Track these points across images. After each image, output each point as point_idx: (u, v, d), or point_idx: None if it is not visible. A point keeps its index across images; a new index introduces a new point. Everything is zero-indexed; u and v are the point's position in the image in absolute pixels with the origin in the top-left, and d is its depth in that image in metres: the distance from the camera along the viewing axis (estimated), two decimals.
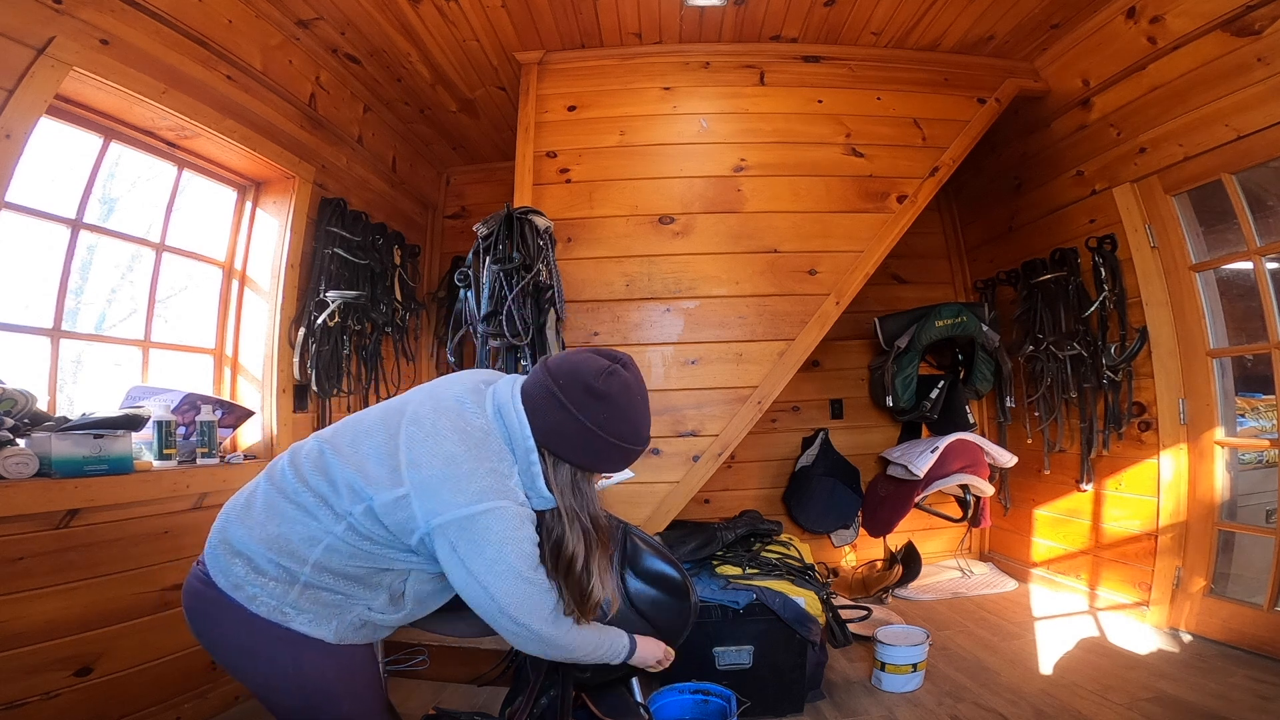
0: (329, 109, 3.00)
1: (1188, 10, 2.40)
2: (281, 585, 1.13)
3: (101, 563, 1.86)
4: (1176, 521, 2.65)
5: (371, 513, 1.12)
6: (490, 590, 1.11)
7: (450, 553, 1.11)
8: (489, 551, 1.10)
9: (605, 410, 1.15)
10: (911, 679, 2.27)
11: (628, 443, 1.19)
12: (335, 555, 1.14)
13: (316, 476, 1.16)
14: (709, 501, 3.66)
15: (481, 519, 1.10)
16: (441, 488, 1.10)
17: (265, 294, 2.71)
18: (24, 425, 1.76)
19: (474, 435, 1.15)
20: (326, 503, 1.14)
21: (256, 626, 1.12)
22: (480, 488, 1.11)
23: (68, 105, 2.02)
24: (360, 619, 1.19)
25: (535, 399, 1.18)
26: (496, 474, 1.13)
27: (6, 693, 1.62)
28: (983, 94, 3.06)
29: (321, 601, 1.15)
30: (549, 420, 1.17)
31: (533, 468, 1.18)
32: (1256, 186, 2.48)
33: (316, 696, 1.19)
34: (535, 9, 2.69)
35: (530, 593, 1.14)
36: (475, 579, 1.11)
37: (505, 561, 1.11)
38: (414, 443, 1.13)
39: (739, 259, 2.83)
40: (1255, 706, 1.96)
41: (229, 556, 1.15)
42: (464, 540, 1.10)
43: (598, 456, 1.19)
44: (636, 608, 1.51)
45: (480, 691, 2.34)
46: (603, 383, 1.16)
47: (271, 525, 1.15)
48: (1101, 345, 2.94)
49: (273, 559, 1.13)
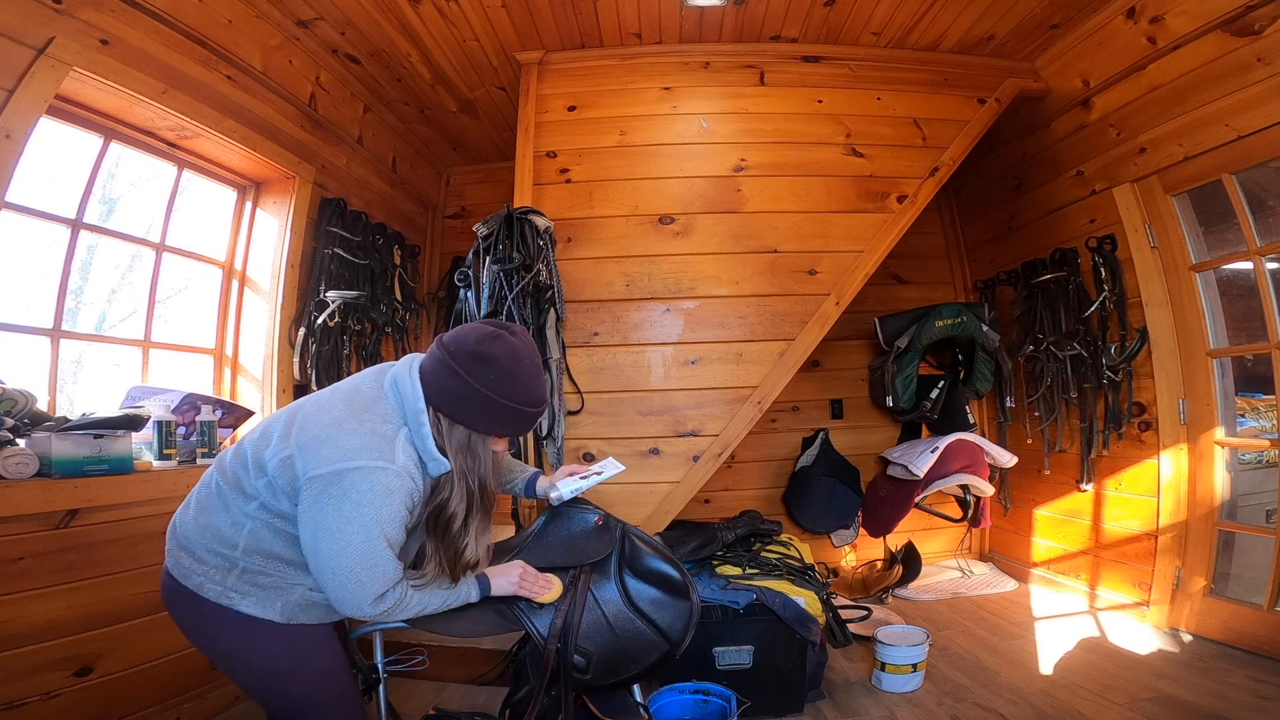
0: (329, 109, 3.00)
1: (1188, 10, 2.40)
2: (220, 571, 1.21)
3: (101, 563, 1.86)
4: (1176, 521, 2.65)
5: (272, 485, 1.18)
6: (335, 545, 1.13)
7: (311, 503, 1.14)
8: (346, 508, 1.12)
9: (491, 372, 1.20)
10: (911, 679, 2.27)
11: (515, 403, 1.22)
12: (260, 537, 1.21)
13: (234, 463, 1.24)
14: (709, 501, 3.66)
15: (350, 475, 1.13)
16: (320, 445, 1.16)
17: (265, 294, 2.71)
18: (24, 425, 1.76)
19: (360, 401, 1.23)
20: (240, 486, 1.22)
21: (209, 610, 1.21)
22: (355, 446, 1.15)
23: (68, 105, 2.02)
24: (304, 599, 1.25)
25: (429, 367, 1.25)
26: (377, 435, 1.18)
27: (6, 693, 1.62)
28: (983, 94, 3.06)
29: (260, 584, 1.22)
30: (441, 384, 1.22)
31: (423, 429, 1.22)
32: (1256, 186, 2.48)
33: (269, 675, 1.26)
34: (535, 9, 2.69)
35: (370, 558, 1.14)
36: (323, 531, 1.13)
37: (358, 521, 1.12)
38: (306, 413, 1.23)
39: (739, 259, 2.83)
40: (1255, 706, 1.96)
41: (176, 550, 1.26)
42: (326, 494, 1.13)
43: (489, 418, 1.23)
44: (637, 607, 1.51)
45: (480, 691, 2.33)
46: (487, 346, 1.20)
47: (202, 517, 1.24)
48: (1101, 345, 2.94)
49: (209, 547, 1.22)
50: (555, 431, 2.58)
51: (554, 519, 1.61)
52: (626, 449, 2.72)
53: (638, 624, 1.50)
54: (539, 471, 1.68)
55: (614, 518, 1.62)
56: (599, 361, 2.78)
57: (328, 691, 1.30)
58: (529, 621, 1.44)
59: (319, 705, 1.28)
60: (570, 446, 2.70)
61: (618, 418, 2.74)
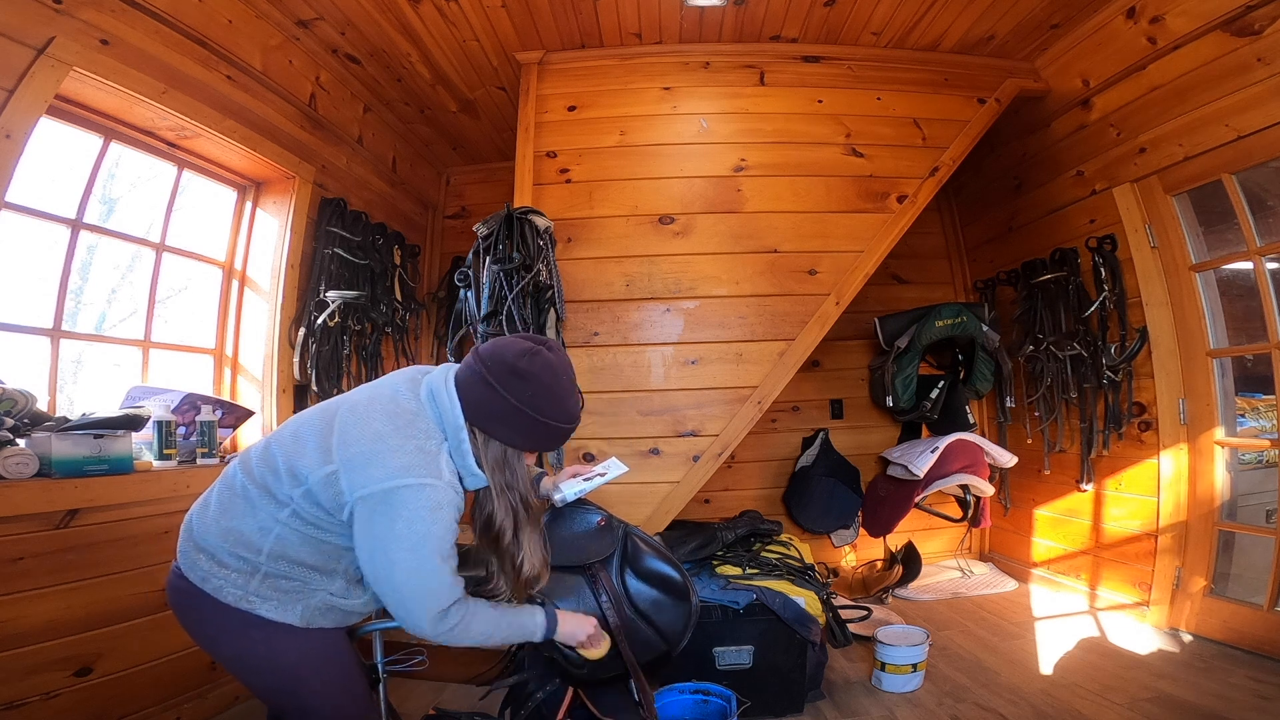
0: (329, 109, 3.00)
1: (1188, 10, 2.40)
2: (243, 575, 1.19)
3: (101, 563, 1.86)
4: (1176, 521, 2.65)
5: (310, 495, 1.17)
6: (391, 562, 1.14)
7: (365, 523, 1.14)
8: (399, 526, 1.13)
9: (529, 388, 1.20)
10: (911, 679, 2.27)
11: (553, 420, 1.23)
12: (287, 543, 1.20)
13: (262, 468, 1.22)
14: (709, 501, 3.66)
15: (400, 493, 1.13)
16: (367, 463, 1.15)
17: (265, 294, 2.71)
18: (24, 425, 1.76)
19: (403, 416, 1.21)
20: (270, 492, 1.20)
21: (227, 614, 1.19)
22: (404, 463, 1.15)
23: (68, 105, 2.02)
24: (324, 603, 1.24)
25: (465, 381, 1.23)
26: (423, 451, 1.17)
27: (6, 693, 1.62)
28: (983, 94, 3.06)
29: (282, 589, 1.20)
30: (478, 399, 1.21)
31: (463, 445, 1.22)
32: (1256, 186, 2.48)
33: (286, 678, 1.25)
34: (535, 9, 2.69)
35: (425, 574, 1.15)
36: (378, 549, 1.14)
37: (411, 538, 1.13)
38: (345, 424, 1.20)
39: (739, 259, 2.83)
40: (1255, 706, 1.96)
41: (194, 553, 1.22)
42: (380, 512, 1.13)
43: (526, 433, 1.23)
44: (637, 608, 1.51)
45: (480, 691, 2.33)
46: (525, 363, 1.20)
47: (225, 520, 1.21)
48: (1101, 345, 2.94)
49: (232, 551, 1.20)
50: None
51: (556, 519, 1.62)
52: (626, 449, 2.72)
53: (637, 624, 1.50)
54: (543, 472, 1.68)
55: (616, 518, 1.62)
56: (599, 361, 2.78)
57: (343, 694, 1.30)
58: None
59: (334, 708, 1.28)
60: (570, 446, 2.70)
61: (618, 418, 2.74)
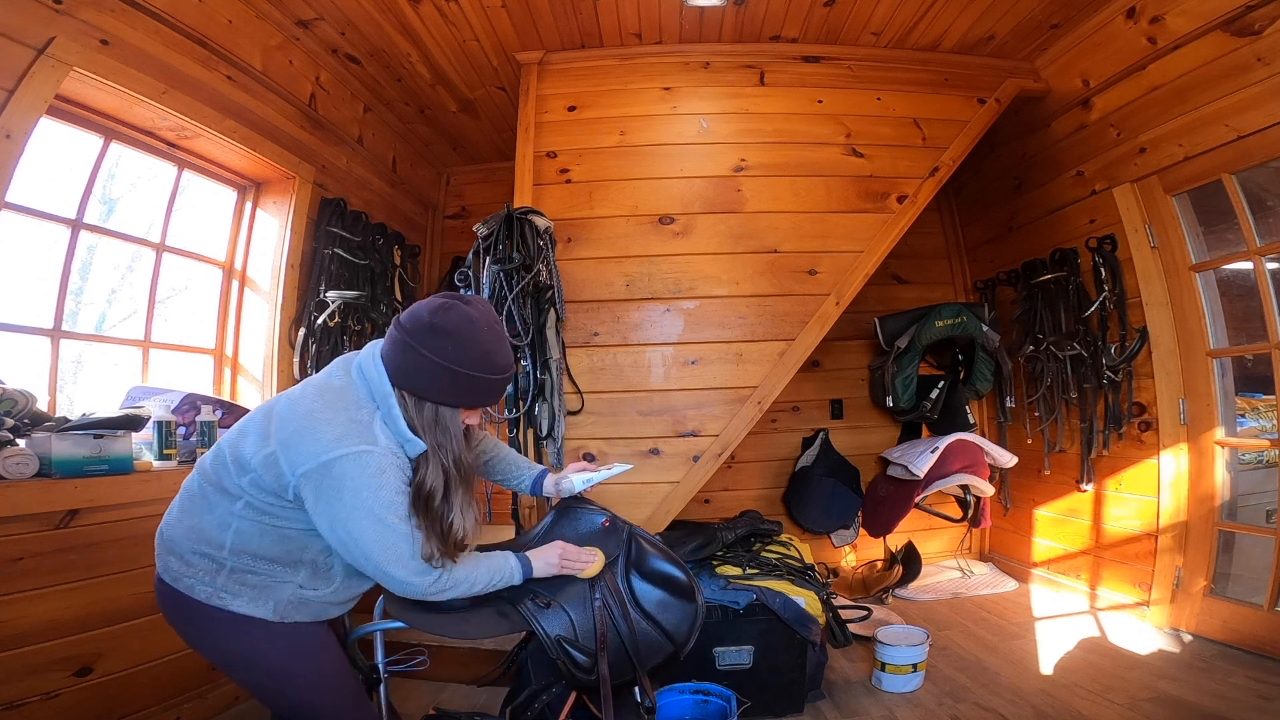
0: (329, 109, 3.00)
1: (1188, 10, 2.40)
2: (209, 573, 1.22)
3: (101, 563, 1.85)
4: (1177, 521, 2.65)
5: (257, 482, 1.19)
6: (352, 534, 1.16)
7: (314, 501, 1.16)
8: (346, 496, 1.14)
9: (448, 343, 1.20)
10: (911, 679, 2.27)
11: (478, 372, 1.22)
12: (247, 536, 1.22)
13: (214, 466, 1.26)
14: (709, 501, 3.65)
15: (338, 464, 1.14)
16: (300, 439, 1.16)
17: (265, 294, 2.71)
18: (24, 425, 1.76)
19: (332, 391, 1.24)
20: (223, 487, 1.23)
21: (202, 612, 1.22)
22: (336, 434, 1.16)
23: (68, 105, 2.02)
24: (295, 596, 1.26)
25: (388, 349, 1.25)
26: (354, 422, 1.19)
27: (6, 693, 1.62)
28: (983, 94, 3.06)
29: (249, 584, 1.22)
30: (400, 363, 1.22)
31: (393, 410, 1.23)
32: (1256, 186, 2.48)
33: (269, 675, 1.27)
34: (535, 9, 2.69)
35: (389, 538, 1.16)
36: (337, 523, 1.16)
37: (363, 506, 1.14)
38: (281, 409, 1.23)
39: (739, 259, 2.83)
40: (1255, 707, 1.96)
41: (165, 555, 1.26)
42: (323, 487, 1.15)
43: (453, 389, 1.23)
44: (643, 609, 1.51)
45: (480, 691, 2.33)
46: (440, 318, 1.21)
47: (187, 519, 1.26)
48: (1101, 345, 2.94)
49: (195, 549, 1.23)
50: (555, 432, 2.58)
51: (560, 519, 1.61)
52: (626, 449, 2.72)
53: (643, 625, 1.50)
54: (547, 469, 1.67)
55: (620, 518, 1.62)
56: (599, 361, 2.77)
57: (330, 689, 1.30)
58: (537, 624, 1.44)
59: (323, 704, 1.28)
60: (570, 446, 2.70)
61: (618, 418, 2.74)
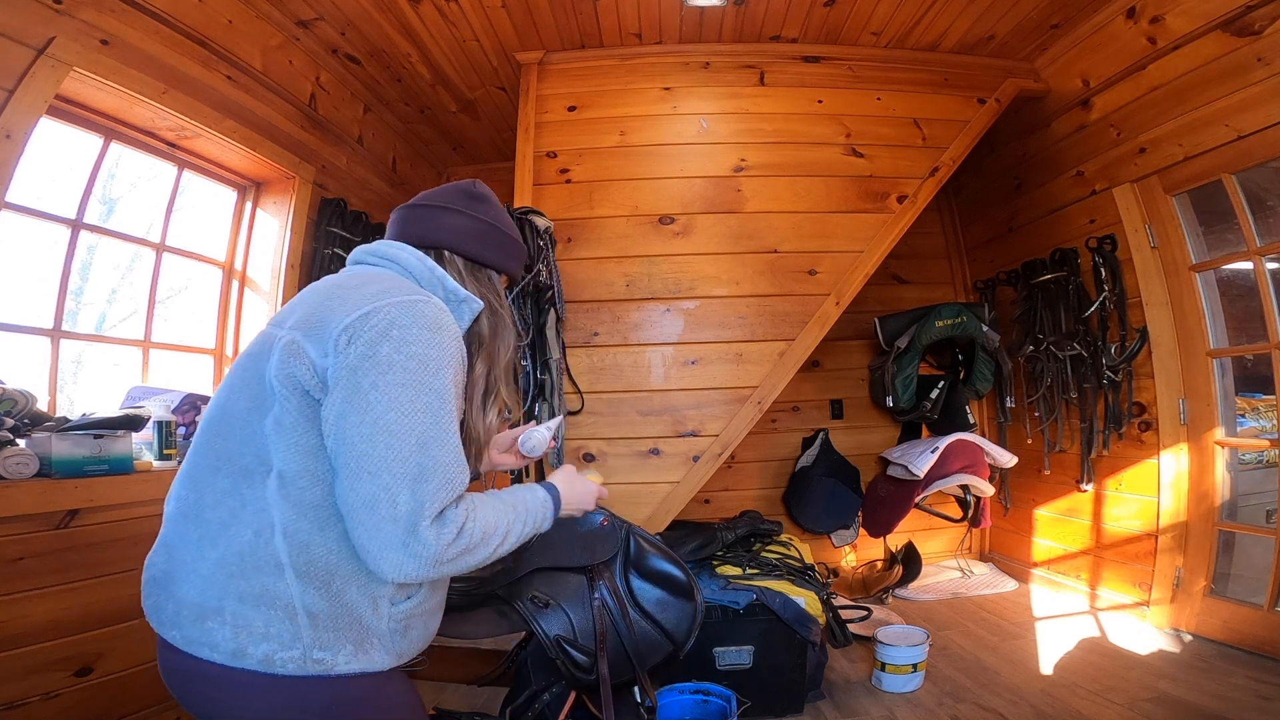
0: (329, 109, 3.00)
1: (1188, 10, 2.40)
2: (280, 621, 0.83)
3: (101, 563, 1.85)
4: (1177, 521, 2.65)
5: (281, 420, 0.86)
6: (373, 409, 0.82)
7: (338, 370, 0.84)
8: (384, 350, 0.84)
9: (489, 206, 1.17)
10: (911, 679, 2.27)
11: (516, 234, 1.20)
12: (304, 536, 0.86)
13: (211, 440, 0.93)
14: (709, 501, 3.65)
15: (380, 312, 0.86)
16: (331, 310, 0.89)
17: (265, 294, 2.71)
18: (24, 425, 1.76)
19: (357, 278, 0.98)
20: (238, 464, 0.87)
21: (296, 693, 0.84)
22: (380, 289, 0.91)
23: (68, 105, 2.02)
24: (396, 616, 0.91)
25: (415, 222, 1.10)
26: (394, 279, 0.98)
27: (6, 693, 1.62)
28: (983, 94, 3.06)
29: (342, 621, 0.86)
30: (443, 224, 1.09)
31: (435, 270, 1.03)
32: (1256, 186, 2.48)
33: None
34: (535, 9, 2.69)
35: (429, 427, 0.84)
36: (357, 394, 0.83)
37: (405, 366, 0.84)
38: (284, 313, 0.97)
39: (739, 259, 2.83)
40: (1255, 707, 1.96)
41: (198, 622, 0.84)
42: (356, 342, 0.84)
43: (502, 248, 1.16)
44: (642, 608, 1.51)
45: (480, 691, 2.33)
46: (476, 187, 1.18)
47: (212, 549, 0.86)
48: (1101, 345, 2.94)
49: (248, 592, 0.84)
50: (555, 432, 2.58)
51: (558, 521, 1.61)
52: (626, 449, 2.72)
53: (642, 625, 1.50)
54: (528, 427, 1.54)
55: (618, 518, 1.62)
56: (599, 361, 2.77)
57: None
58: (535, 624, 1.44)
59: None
60: (570, 446, 2.70)
61: (618, 418, 2.74)
